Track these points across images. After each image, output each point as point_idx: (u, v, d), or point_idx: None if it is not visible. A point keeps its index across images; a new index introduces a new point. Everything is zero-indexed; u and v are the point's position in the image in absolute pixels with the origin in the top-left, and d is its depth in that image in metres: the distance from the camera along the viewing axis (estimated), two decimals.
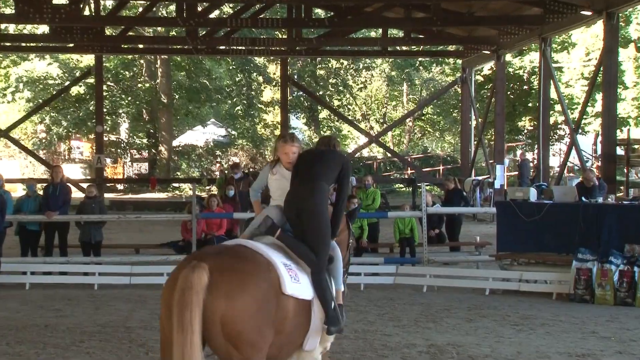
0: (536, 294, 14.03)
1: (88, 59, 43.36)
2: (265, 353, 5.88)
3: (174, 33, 35.90)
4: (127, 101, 45.78)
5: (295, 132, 46.30)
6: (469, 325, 11.37)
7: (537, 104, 26.86)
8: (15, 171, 45.19)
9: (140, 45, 34.86)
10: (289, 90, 36.91)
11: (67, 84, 40.71)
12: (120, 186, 44.20)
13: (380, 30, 31.34)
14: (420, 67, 53.07)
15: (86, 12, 27.35)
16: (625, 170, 24.93)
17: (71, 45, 31.10)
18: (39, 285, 15.11)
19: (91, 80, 37.77)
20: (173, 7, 33.64)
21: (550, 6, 23.53)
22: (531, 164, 32.31)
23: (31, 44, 33.86)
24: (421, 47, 34.78)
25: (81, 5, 24.98)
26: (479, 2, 25.90)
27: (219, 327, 5.61)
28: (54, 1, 25.45)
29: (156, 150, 47.22)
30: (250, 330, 5.71)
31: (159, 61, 45.85)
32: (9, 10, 30.75)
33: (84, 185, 27.19)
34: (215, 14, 34.61)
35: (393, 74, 55.86)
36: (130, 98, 45.73)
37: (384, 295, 14.06)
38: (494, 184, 28.33)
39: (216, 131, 52.87)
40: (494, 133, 31.34)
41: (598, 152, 34.05)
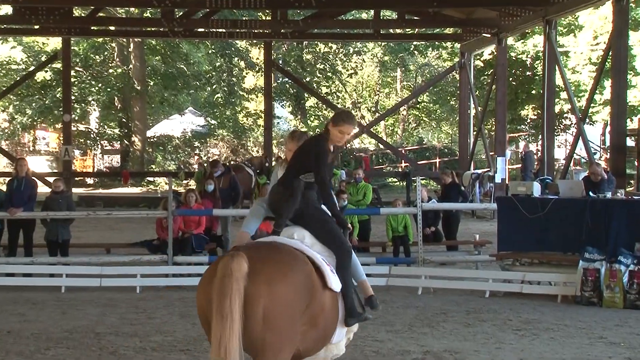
0: (540, 296, 14.06)
1: (55, 42, 43.20)
2: (295, 345, 6.26)
3: (148, 14, 35.87)
4: (98, 88, 45.66)
5: (280, 122, 46.00)
6: (468, 330, 11.38)
7: (541, 92, 26.93)
8: None
9: (112, 28, 34.76)
10: (273, 76, 36.89)
11: (32, 69, 40.58)
12: (89, 180, 44.06)
13: (372, 11, 31.36)
14: (415, 52, 53.12)
15: None
16: (635, 163, 25.03)
17: (36, 27, 30.96)
18: (1, 287, 15.04)
19: (58, 65, 37.64)
20: None
21: None
22: (535, 157, 32.38)
23: None
24: (416, 30, 34.79)
25: None
26: None
27: (260, 315, 5.93)
28: None
29: (129, 142, 47.10)
30: (288, 318, 6.08)
31: (132, 45, 45.71)
32: None
33: (51, 179, 27.08)
34: None
35: (386, 59, 55.91)
36: (100, 84, 45.61)
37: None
38: (494, 178, 28.39)
39: (194, 120, 52.77)
40: (494, 123, 31.40)
41: (607, 144, 34.17)
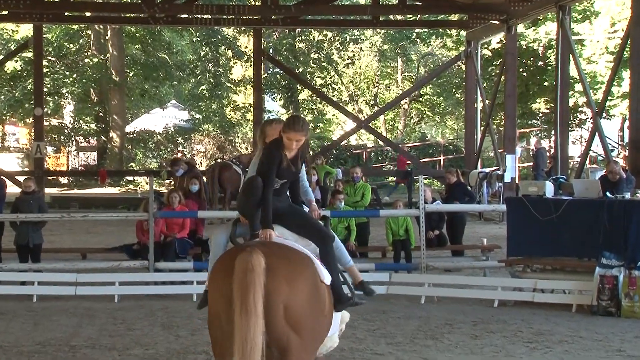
0: (553, 305, 14.06)
1: (25, 29, 43.12)
2: (322, 341, 6.86)
3: None
4: (72, 79, 45.59)
5: (270, 116, 46.06)
6: (475, 343, 11.39)
7: (554, 83, 26.93)
8: None
9: (87, 13, 34.67)
10: (263, 66, 36.83)
11: (1, 58, 40.47)
12: (63, 180, 43.99)
13: None
14: (418, 40, 53.13)
15: None
16: None
17: (5, 12, 30.88)
18: None
19: (29, 55, 37.58)
20: None
21: None
22: (547, 154, 32.41)
23: None
24: (418, 17, 34.78)
25: None
26: None
27: (282, 312, 6.31)
28: None
29: (106, 138, 47.06)
30: (310, 315, 6.56)
31: (109, 32, 45.67)
32: None
33: (21, 178, 27.03)
34: None
35: (385, 47, 55.89)
36: (75, 75, 45.56)
37: (375, 307, 14.05)
38: (503, 177, 28.40)
39: (177, 114, 52.69)
40: (503, 117, 31.41)
41: (625, 140, 34.21)
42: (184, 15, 31.66)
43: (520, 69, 36.92)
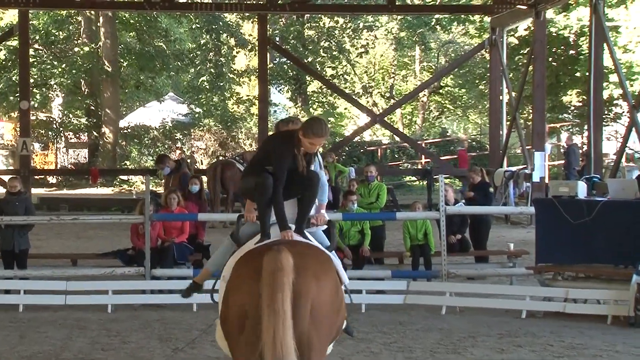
0: (586, 317, 14.03)
1: (10, 15, 43.19)
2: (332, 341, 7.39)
3: None
4: (61, 69, 45.65)
5: (277, 110, 45.89)
6: (500, 358, 11.39)
7: (587, 74, 26.88)
8: None
9: None
10: (269, 56, 36.83)
11: None
12: (52, 179, 44.05)
13: None
14: (438, 27, 53.03)
15: None
16: None
17: None
18: None
19: (14, 43, 37.60)
20: None
21: None
22: (580, 151, 32.34)
23: None
24: (438, 1, 34.77)
25: None
26: None
27: (308, 311, 6.81)
28: None
29: (98, 133, 47.14)
30: (332, 315, 7.12)
31: (101, 18, 45.72)
32: None
33: (5, 177, 27.07)
34: None
35: (402, 35, 55.84)
36: (64, 65, 45.61)
37: (392, 318, 14.06)
38: (531, 177, 28.34)
39: (175, 108, 52.77)
40: (531, 111, 31.35)
41: None
42: (182, 0, 31.66)
43: (550, 59, 36.86)
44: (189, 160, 25.97)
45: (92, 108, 47.47)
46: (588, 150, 26.58)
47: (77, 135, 50.34)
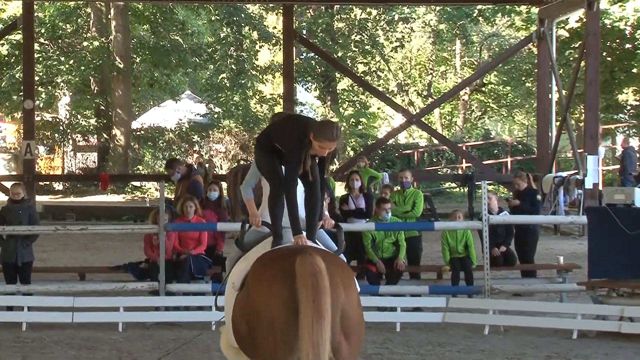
0: None
1: (14, 7, 43.45)
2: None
3: None
4: (69, 66, 45.86)
5: (304, 109, 46.02)
6: None
7: None
8: None
9: None
10: (294, 50, 36.86)
11: None
12: (58, 185, 44.26)
13: None
14: (480, 18, 52.96)
15: None
16: None
17: None
18: None
19: (17, 37, 37.83)
20: None
21: None
22: (637, 155, 32.18)
23: None
24: None
25: None
26: None
27: (339, 317, 7.21)
28: None
29: (109, 135, 47.31)
30: (358, 321, 7.52)
31: (112, 10, 45.90)
32: None
33: (8, 184, 27.22)
34: None
35: (441, 27, 55.80)
36: (72, 62, 45.79)
37: (429, 338, 14.04)
38: (584, 183, 28.24)
39: (193, 108, 52.98)
40: (583, 110, 31.22)
41: None
42: None
43: (604, 53, 36.70)
44: (207, 165, 25.97)
45: (102, 108, 47.67)
46: None
47: (86, 138, 50.52)
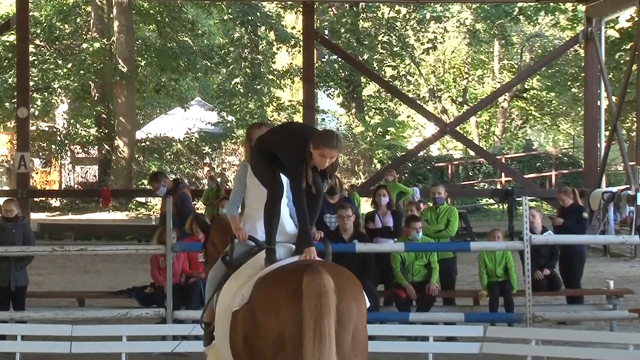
0: None
1: (6, 5, 43.64)
2: None
3: None
4: (66, 70, 46.00)
5: (326, 118, 45.88)
6: None
7: None
8: None
9: None
10: (316, 52, 36.93)
11: None
12: (55, 202, 44.36)
13: None
14: (521, 17, 52.96)
15: None
16: None
17: None
18: None
19: (10, 38, 37.99)
20: None
21: None
22: None
23: None
24: None
25: None
26: None
27: (351, 334, 7.64)
28: None
29: (110, 147, 47.41)
30: (366, 338, 7.95)
31: (114, 8, 46.05)
32: None
33: (0, 200, 27.35)
34: None
35: (478, 27, 55.79)
36: (70, 65, 45.95)
37: None
38: (636, 199, 28.19)
39: (203, 116, 53.02)
40: (636, 119, 31.16)
41: None
42: None
43: None
44: (219, 179, 26.00)
45: (104, 116, 47.77)
46: None
47: (85, 149, 50.65)
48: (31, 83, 37.76)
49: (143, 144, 49.09)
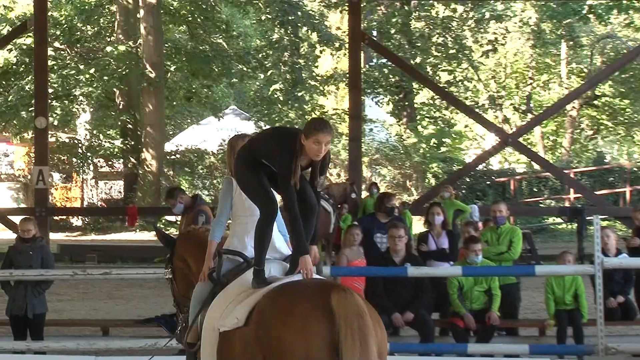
0: None
1: (24, 5, 43.96)
2: None
3: None
4: (89, 75, 46.22)
5: (375, 128, 45.91)
6: None
7: None
8: None
9: None
10: (363, 56, 36.95)
11: None
12: (76, 220, 44.57)
13: None
14: (591, 17, 52.79)
15: None
16: None
17: None
18: None
19: (28, 41, 38.23)
20: None
21: None
22: None
23: None
24: None
25: None
26: None
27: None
28: None
29: (137, 160, 47.59)
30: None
31: (141, 9, 46.24)
32: None
33: (16, 218, 27.47)
34: None
35: (543, 27, 55.67)
36: (93, 70, 46.16)
37: None
38: None
39: (239, 126, 53.10)
40: None
41: None
42: None
43: None
44: None
45: (130, 127, 47.97)
46: None
47: (110, 163, 50.91)
48: (50, 90, 37.91)
49: (173, 157, 49.28)
